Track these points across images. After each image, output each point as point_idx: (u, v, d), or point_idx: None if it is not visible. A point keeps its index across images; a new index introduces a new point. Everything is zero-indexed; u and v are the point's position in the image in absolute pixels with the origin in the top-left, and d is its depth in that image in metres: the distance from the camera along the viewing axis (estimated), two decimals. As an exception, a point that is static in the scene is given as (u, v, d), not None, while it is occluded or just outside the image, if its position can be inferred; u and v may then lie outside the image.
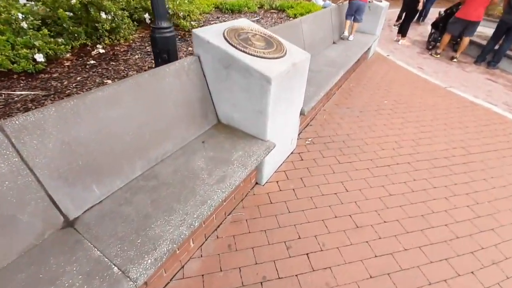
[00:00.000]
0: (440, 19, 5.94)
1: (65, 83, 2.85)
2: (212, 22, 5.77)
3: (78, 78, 2.97)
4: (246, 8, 6.74)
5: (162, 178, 1.63)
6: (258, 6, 7.20)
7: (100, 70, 3.20)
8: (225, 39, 1.90)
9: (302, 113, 2.49)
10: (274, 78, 1.74)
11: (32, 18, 3.18)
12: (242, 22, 2.25)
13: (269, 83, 1.73)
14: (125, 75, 3.14)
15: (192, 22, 4.84)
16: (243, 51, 1.84)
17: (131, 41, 4.22)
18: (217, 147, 1.92)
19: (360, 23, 4.66)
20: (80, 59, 3.44)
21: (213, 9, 6.66)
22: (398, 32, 6.71)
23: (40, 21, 3.19)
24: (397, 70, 4.95)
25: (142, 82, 1.62)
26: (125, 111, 1.53)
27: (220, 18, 6.16)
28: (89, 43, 3.71)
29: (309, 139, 2.90)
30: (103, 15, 3.50)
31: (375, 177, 2.46)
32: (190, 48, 4.23)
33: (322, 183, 2.34)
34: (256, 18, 6.23)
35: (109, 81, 2.96)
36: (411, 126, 3.28)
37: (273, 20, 6.20)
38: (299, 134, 2.94)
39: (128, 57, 3.63)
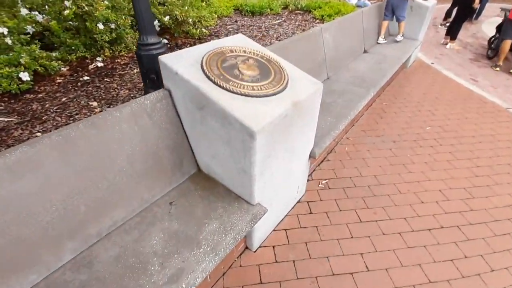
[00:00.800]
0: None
1: (47, 105, 2.57)
2: (228, 27, 5.31)
3: (63, 99, 2.67)
4: (268, 9, 6.19)
5: (98, 268, 1.19)
6: (282, 7, 6.60)
7: (90, 88, 2.89)
8: (202, 68, 1.40)
9: (312, 156, 1.91)
10: (261, 131, 1.21)
11: (25, 32, 2.96)
12: (236, 40, 1.73)
13: (252, 138, 1.21)
14: (115, 95, 2.79)
15: (203, 29, 4.41)
16: (223, 87, 1.32)
17: (134, 52, 3.90)
18: (187, 212, 1.43)
19: (404, 21, 3.92)
20: (75, 74, 3.17)
21: (233, 11, 6.21)
22: (447, 34, 5.69)
23: (30, 36, 2.96)
24: (444, 83, 4.08)
25: (75, 137, 1.18)
26: (45, 181, 1.11)
27: (239, 21, 5.68)
28: (89, 56, 3.45)
29: (324, 182, 2.31)
30: (101, 26, 3.19)
31: (409, 248, 1.81)
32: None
33: (334, 254, 1.76)
34: (278, 21, 5.65)
35: (95, 103, 2.62)
36: (462, 167, 2.52)
37: (296, 23, 5.57)
38: (311, 174, 2.37)
39: (126, 71, 3.29)
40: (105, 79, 3.12)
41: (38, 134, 2.27)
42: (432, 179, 2.37)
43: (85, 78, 3.15)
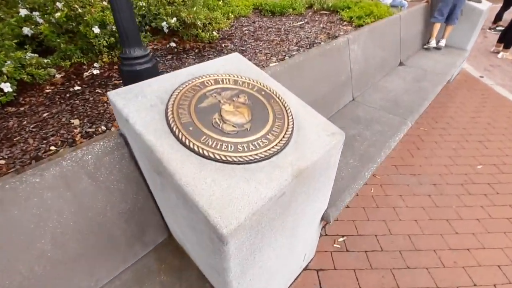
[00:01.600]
0: None
1: (25, 122, 2.26)
2: (244, 29, 4.85)
3: (45, 115, 2.36)
4: (290, 9, 5.64)
5: None
6: (307, 6, 6.01)
7: (77, 101, 2.57)
8: (166, 114, 0.96)
9: (325, 220, 1.42)
10: (234, 233, 0.74)
11: (21, 35, 2.69)
12: (228, 63, 1.27)
13: (222, 243, 0.76)
14: (102, 112, 2.44)
15: (214, 32, 3.98)
16: (189, 147, 0.88)
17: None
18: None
19: (455, 25, 3.29)
20: (67, 83, 2.87)
21: (252, 11, 5.73)
22: (499, 41, 4.85)
23: (17, 41, 2.68)
24: (498, 104, 3.36)
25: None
26: None
27: (257, 22, 5.20)
28: (86, 62, 3.14)
29: (341, 239, 1.80)
30: (96, 29, 2.86)
31: None
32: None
33: None
34: (300, 23, 5.10)
35: (76, 121, 2.29)
36: (530, 229, 1.90)
37: (321, 25, 4.99)
38: (324, 226, 1.87)
39: (122, 81, 2.95)
40: (97, 90, 2.79)
41: (1, 162, 1.95)
42: (488, 246, 1.78)
43: (76, 88, 2.83)
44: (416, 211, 2.00)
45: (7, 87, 2.44)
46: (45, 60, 2.88)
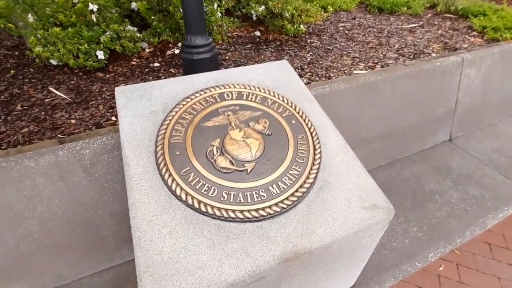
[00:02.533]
0: None
1: (104, 89, 2.54)
2: (339, 26, 4.34)
3: (122, 85, 2.60)
4: (404, 7, 4.75)
5: None
6: (427, 6, 4.95)
7: (151, 78, 2.74)
8: (159, 127, 0.80)
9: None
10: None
11: (112, 10, 3.03)
12: (268, 72, 1.02)
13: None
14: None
15: (301, 26, 3.66)
16: (162, 177, 0.69)
17: (221, 42, 3.59)
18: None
19: None
20: (150, 58, 3.11)
21: (356, 5, 5.08)
22: None
23: (125, 13, 3.00)
24: None
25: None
26: None
27: (357, 19, 4.58)
28: (172, 41, 3.34)
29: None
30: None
31: None
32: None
33: None
34: (411, 25, 4.23)
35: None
36: None
37: (438, 32, 4.01)
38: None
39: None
40: (171, 70, 2.93)
41: (73, 121, 2.23)
42: None
43: (155, 64, 3.03)
44: (503, 325, 1.37)
45: (100, 55, 2.77)
46: (138, 35, 3.16)
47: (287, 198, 0.68)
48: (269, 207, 0.66)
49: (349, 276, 0.94)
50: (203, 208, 0.65)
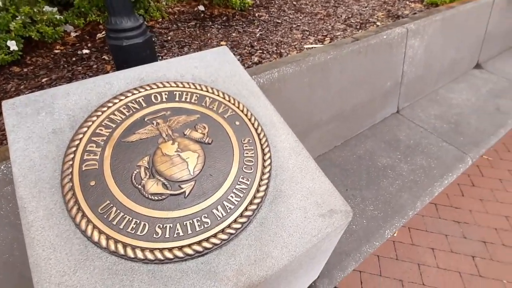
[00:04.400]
0: None
1: (22, 86, 2.13)
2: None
3: (44, 80, 2.19)
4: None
5: None
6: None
7: (80, 68, 2.35)
8: (66, 151, 0.63)
9: (311, 293, 1.06)
10: None
11: None
12: (202, 64, 0.87)
13: None
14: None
15: (248, -1, 3.42)
16: (72, 218, 0.54)
17: (162, 20, 3.20)
18: None
19: None
20: (78, 44, 2.67)
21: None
22: None
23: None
24: None
25: None
26: None
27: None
28: (102, 21, 2.88)
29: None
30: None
31: None
32: (224, 43, 2.91)
33: None
34: None
35: (72, 93, 2.08)
36: None
37: (382, -1, 4.06)
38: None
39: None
40: (103, 57, 2.55)
41: None
42: None
43: (84, 51, 2.61)
44: (449, 277, 1.52)
45: (13, 45, 2.28)
46: (58, 17, 2.66)
47: (235, 221, 0.59)
48: (215, 235, 0.56)
49: (312, 273, 0.92)
50: (130, 253, 0.52)
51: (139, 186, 0.60)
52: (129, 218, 0.56)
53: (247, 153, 0.70)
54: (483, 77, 2.20)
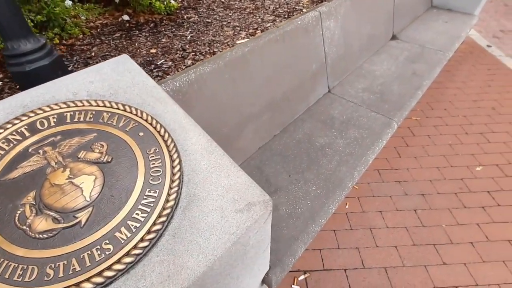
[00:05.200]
0: None
1: None
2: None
3: None
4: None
5: None
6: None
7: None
8: None
9: (267, 285, 1.07)
10: None
11: None
12: (98, 77, 0.80)
13: None
14: None
15: (172, 1, 3.30)
16: None
17: (83, 36, 2.96)
18: None
19: None
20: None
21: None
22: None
23: None
24: (505, 82, 2.86)
25: None
26: None
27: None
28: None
29: (302, 277, 1.47)
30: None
31: None
32: (154, 51, 2.78)
33: None
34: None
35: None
36: (534, 255, 1.57)
37: None
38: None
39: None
40: (18, 86, 2.28)
41: None
42: (483, 281, 1.46)
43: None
44: (398, 234, 1.65)
45: None
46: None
47: (142, 239, 0.55)
48: (118, 261, 0.52)
49: (259, 267, 0.92)
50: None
51: (25, 227, 0.53)
52: (14, 265, 0.49)
53: (153, 164, 0.66)
54: (399, 47, 2.40)
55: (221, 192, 0.67)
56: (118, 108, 0.75)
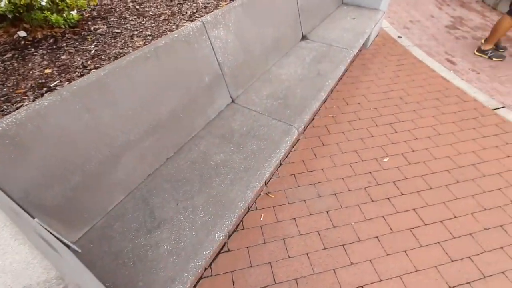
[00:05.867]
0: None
1: None
2: (129, 2, 3.85)
3: None
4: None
5: None
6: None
7: None
8: None
9: None
10: None
11: None
12: None
13: None
14: None
15: (72, 12, 2.98)
16: None
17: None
18: None
19: None
20: None
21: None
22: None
23: None
24: (411, 71, 3.07)
25: None
26: None
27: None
28: None
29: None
30: None
31: None
32: (50, 71, 2.47)
33: None
34: None
35: None
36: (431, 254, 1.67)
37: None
38: None
39: None
40: None
41: None
42: (386, 276, 1.51)
43: None
44: (310, 239, 1.65)
45: None
46: None
47: None
48: None
49: None
50: None
51: None
52: None
53: None
54: (308, 47, 2.43)
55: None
56: None
